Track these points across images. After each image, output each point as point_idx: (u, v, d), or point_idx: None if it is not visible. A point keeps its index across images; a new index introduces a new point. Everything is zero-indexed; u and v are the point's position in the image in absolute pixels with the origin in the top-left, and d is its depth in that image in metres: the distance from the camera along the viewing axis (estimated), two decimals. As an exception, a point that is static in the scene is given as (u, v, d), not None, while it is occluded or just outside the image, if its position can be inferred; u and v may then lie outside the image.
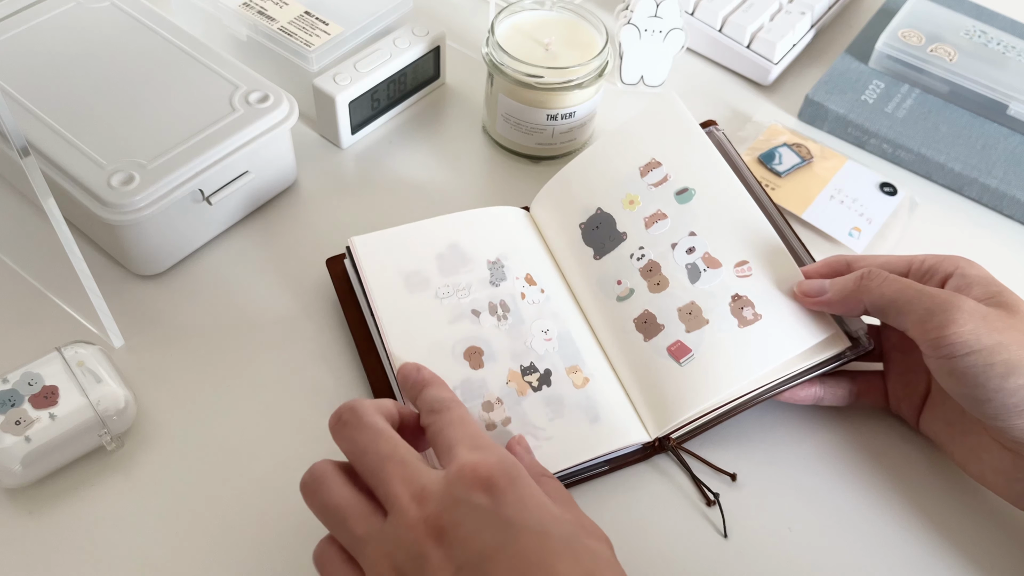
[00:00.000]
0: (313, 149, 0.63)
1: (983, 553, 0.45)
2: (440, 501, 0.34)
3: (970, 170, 0.63)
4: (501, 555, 0.33)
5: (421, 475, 0.35)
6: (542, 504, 0.35)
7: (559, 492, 0.40)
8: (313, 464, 0.38)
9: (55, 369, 0.45)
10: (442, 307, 0.49)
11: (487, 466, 0.35)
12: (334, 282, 0.53)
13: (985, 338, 0.41)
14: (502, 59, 0.58)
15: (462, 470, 0.35)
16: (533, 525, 0.34)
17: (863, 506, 0.47)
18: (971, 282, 0.43)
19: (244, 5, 0.62)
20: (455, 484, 0.35)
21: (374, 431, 0.37)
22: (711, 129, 0.55)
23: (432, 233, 0.52)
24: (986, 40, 0.70)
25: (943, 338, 0.41)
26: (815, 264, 0.49)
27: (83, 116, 0.52)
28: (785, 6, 0.71)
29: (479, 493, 0.34)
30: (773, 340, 0.47)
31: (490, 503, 0.34)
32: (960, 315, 0.41)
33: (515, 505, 0.34)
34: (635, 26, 0.65)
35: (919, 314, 0.42)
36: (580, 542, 0.35)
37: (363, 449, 0.37)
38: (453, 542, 0.33)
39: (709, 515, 0.46)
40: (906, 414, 0.49)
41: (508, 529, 0.33)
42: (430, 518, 0.34)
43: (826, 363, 0.47)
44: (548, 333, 0.49)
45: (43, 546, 0.43)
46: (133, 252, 0.52)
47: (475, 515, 0.34)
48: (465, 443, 0.37)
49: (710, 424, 0.47)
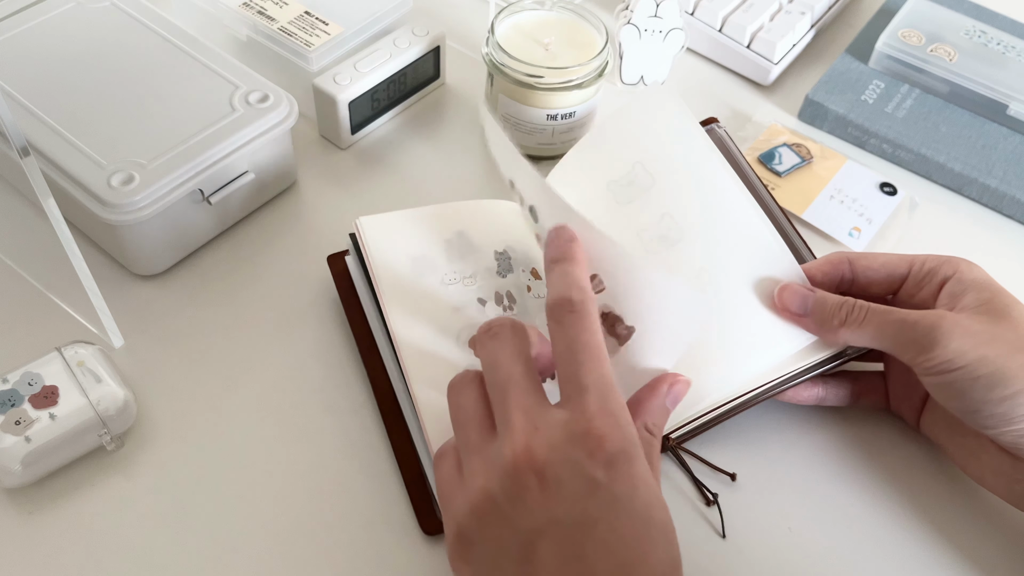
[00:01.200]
0: (313, 149, 0.63)
1: (983, 554, 0.46)
2: (553, 451, 0.34)
3: (970, 170, 0.63)
4: (601, 527, 0.33)
5: (542, 411, 0.35)
6: (651, 488, 0.35)
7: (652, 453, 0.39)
8: (465, 369, 0.39)
9: (55, 369, 0.45)
10: (448, 293, 0.49)
11: (613, 442, 0.34)
12: (335, 279, 0.52)
13: (970, 353, 0.41)
14: (502, 59, 0.58)
15: (587, 436, 0.34)
16: (639, 508, 0.34)
17: (863, 506, 0.47)
18: (966, 288, 0.44)
19: (244, 5, 0.62)
20: (575, 444, 0.34)
21: (515, 352, 0.37)
22: (712, 127, 0.55)
23: (440, 219, 0.52)
24: (986, 40, 0.70)
25: (929, 359, 0.42)
26: (815, 262, 0.49)
27: (83, 116, 0.52)
28: (785, 6, 0.71)
29: (599, 466, 0.34)
30: (772, 339, 0.47)
31: (604, 477, 0.34)
32: (943, 336, 0.41)
33: (626, 484, 0.34)
34: (635, 26, 0.65)
35: (904, 345, 0.43)
36: (674, 532, 0.35)
37: (497, 364, 0.37)
38: (557, 495, 0.33)
39: (708, 515, 0.46)
40: (906, 415, 0.49)
41: (614, 505, 0.33)
42: (537, 460, 0.34)
43: (825, 362, 0.47)
44: None
45: (43, 546, 0.43)
46: (133, 252, 0.52)
47: (588, 483, 0.33)
48: (596, 392, 0.35)
49: (710, 424, 0.47)
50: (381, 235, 0.51)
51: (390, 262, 0.50)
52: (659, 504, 0.35)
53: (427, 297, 0.49)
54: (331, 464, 0.47)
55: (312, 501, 0.45)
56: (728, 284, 0.48)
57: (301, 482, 0.46)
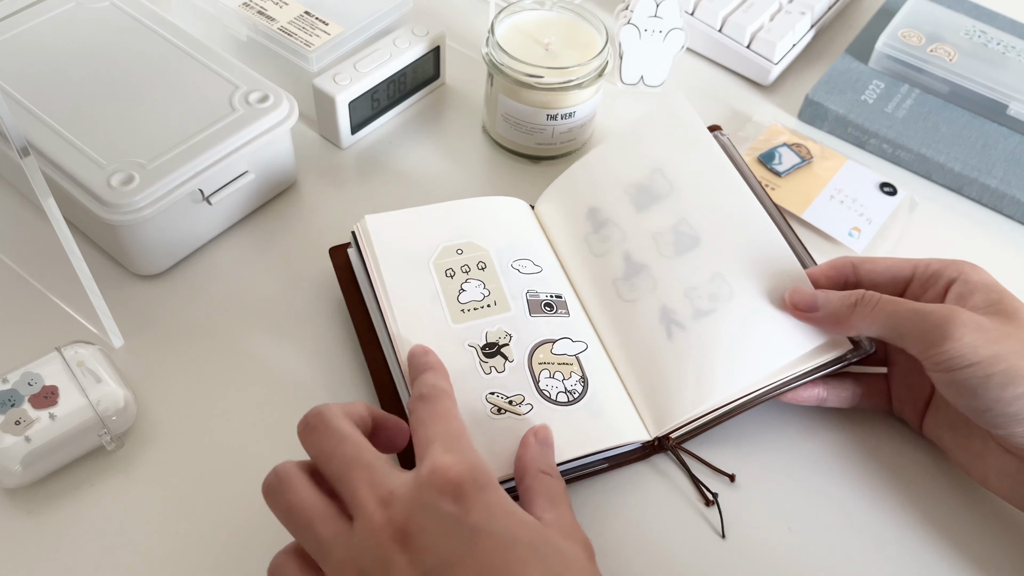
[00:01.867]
0: (313, 149, 0.63)
1: (986, 557, 0.45)
2: (407, 505, 0.34)
3: (970, 170, 0.63)
4: (467, 561, 0.33)
5: (387, 479, 0.35)
6: (510, 512, 0.35)
7: (553, 490, 0.40)
8: (277, 465, 0.37)
9: (55, 369, 0.45)
10: (450, 290, 0.50)
11: (457, 471, 0.35)
12: (336, 272, 0.52)
13: (982, 350, 0.41)
14: (502, 59, 0.58)
15: (432, 474, 0.35)
16: (499, 532, 0.34)
17: (863, 508, 0.47)
18: (973, 289, 0.43)
19: (244, 5, 0.62)
20: (424, 488, 0.35)
21: (340, 435, 0.37)
22: (716, 134, 0.55)
23: (443, 217, 0.52)
24: (986, 40, 0.70)
25: (941, 353, 0.41)
26: (820, 266, 0.49)
27: (83, 116, 0.52)
28: (785, 6, 0.71)
29: (447, 499, 0.34)
30: (775, 342, 0.47)
31: (457, 510, 0.34)
32: (956, 329, 0.41)
33: (482, 512, 0.34)
34: (635, 26, 0.65)
35: (915, 336, 0.43)
36: (551, 547, 0.35)
37: (329, 454, 0.36)
38: (418, 548, 0.33)
39: (707, 515, 0.46)
40: (909, 417, 0.49)
41: (474, 536, 0.33)
42: (396, 522, 0.34)
43: (827, 365, 0.47)
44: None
45: (43, 546, 0.43)
46: (133, 252, 0.52)
47: (441, 521, 0.34)
48: (441, 442, 0.37)
49: (710, 424, 0.47)
50: (386, 235, 0.51)
51: (394, 262, 0.50)
52: (523, 524, 0.35)
53: (428, 294, 0.49)
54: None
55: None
56: (741, 289, 0.49)
57: (301, 482, 0.46)
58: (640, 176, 0.54)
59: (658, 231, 0.52)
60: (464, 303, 0.49)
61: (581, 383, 0.48)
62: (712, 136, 0.54)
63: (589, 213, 0.54)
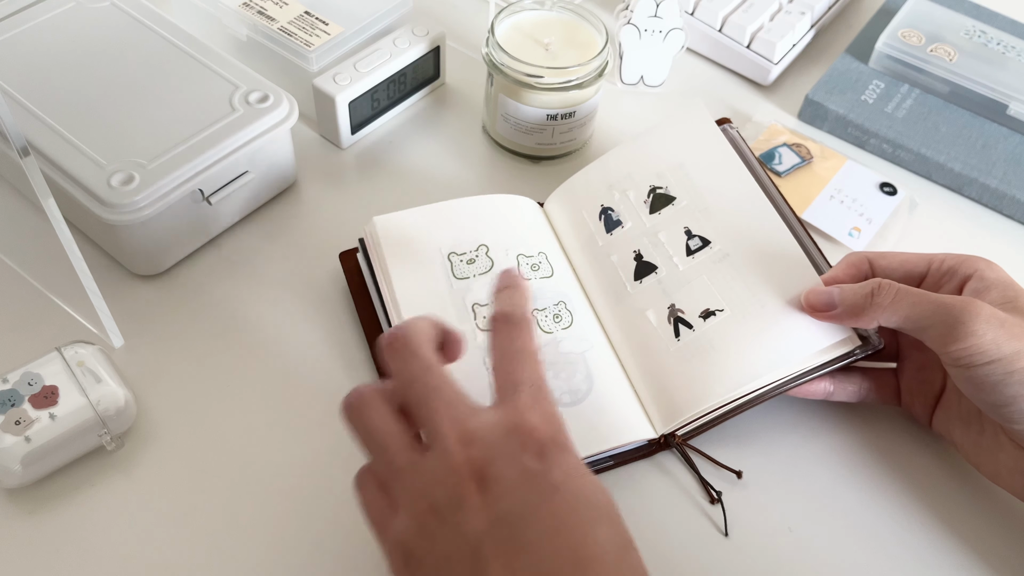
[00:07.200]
0: (313, 149, 0.63)
1: (996, 554, 0.45)
2: (489, 450, 0.34)
3: (970, 170, 0.63)
4: (541, 512, 0.33)
5: (470, 418, 0.35)
6: (585, 474, 0.35)
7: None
8: (357, 385, 0.37)
9: (55, 369, 0.45)
10: (459, 287, 0.50)
11: (544, 432, 0.35)
12: (346, 276, 0.53)
13: (1005, 346, 0.41)
14: (502, 59, 0.58)
15: (520, 428, 0.35)
16: (575, 491, 0.34)
17: (872, 505, 0.47)
18: (989, 286, 0.43)
19: (244, 5, 0.62)
20: (510, 437, 0.35)
21: (424, 364, 0.37)
22: (725, 127, 0.55)
23: (452, 216, 0.53)
24: (986, 40, 0.70)
25: (963, 348, 0.41)
26: (836, 267, 0.49)
27: (83, 116, 0.52)
28: (785, 6, 0.71)
29: (530, 455, 0.34)
30: (785, 341, 0.47)
31: (539, 467, 0.34)
32: (979, 324, 0.41)
33: (561, 473, 0.34)
34: (635, 26, 0.65)
35: (936, 327, 0.42)
36: (619, 514, 0.35)
37: (411, 378, 0.36)
38: (496, 493, 0.33)
39: (711, 513, 0.46)
40: (918, 412, 0.49)
41: (552, 492, 0.34)
42: (475, 462, 0.34)
43: (835, 361, 0.47)
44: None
45: (43, 546, 0.43)
46: (133, 252, 0.52)
47: (522, 474, 0.34)
48: (529, 389, 0.37)
49: (716, 421, 0.47)
50: (395, 234, 0.51)
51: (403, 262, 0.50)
52: (597, 488, 0.35)
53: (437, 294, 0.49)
54: (333, 462, 0.46)
55: (315, 500, 0.45)
56: (751, 289, 0.49)
57: (304, 481, 0.46)
58: (656, 178, 0.54)
59: (670, 231, 0.52)
60: (473, 302, 0.49)
61: (586, 382, 0.48)
62: (726, 140, 0.54)
63: (602, 212, 0.54)
